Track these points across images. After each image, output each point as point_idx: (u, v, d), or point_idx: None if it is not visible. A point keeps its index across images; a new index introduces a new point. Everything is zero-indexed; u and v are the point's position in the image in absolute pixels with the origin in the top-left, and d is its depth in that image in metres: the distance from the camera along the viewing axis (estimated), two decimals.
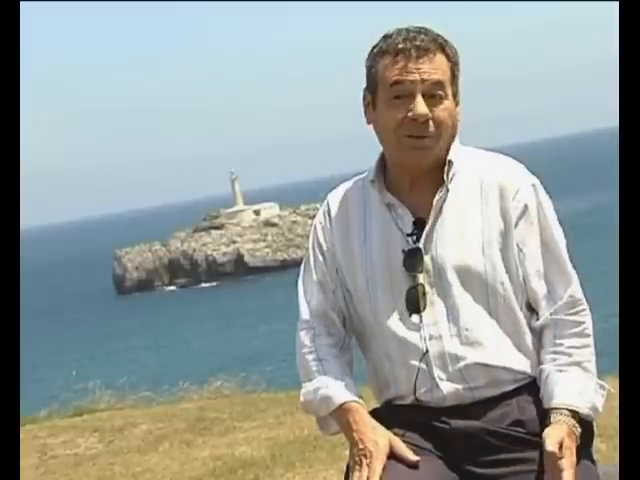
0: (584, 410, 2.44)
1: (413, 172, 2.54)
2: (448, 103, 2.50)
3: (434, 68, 2.47)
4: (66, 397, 9.20)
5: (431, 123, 2.48)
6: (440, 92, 2.48)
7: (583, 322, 2.54)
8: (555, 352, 2.51)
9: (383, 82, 2.50)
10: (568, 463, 2.36)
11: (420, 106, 2.46)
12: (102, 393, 8.92)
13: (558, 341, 2.51)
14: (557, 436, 2.39)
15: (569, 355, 2.50)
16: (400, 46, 2.47)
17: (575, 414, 2.43)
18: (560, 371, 2.48)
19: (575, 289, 2.55)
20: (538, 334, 2.54)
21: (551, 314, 2.52)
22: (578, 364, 2.49)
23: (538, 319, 2.54)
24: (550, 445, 2.37)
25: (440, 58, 2.49)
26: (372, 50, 2.54)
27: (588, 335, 2.54)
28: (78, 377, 9.99)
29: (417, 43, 2.47)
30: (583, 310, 2.55)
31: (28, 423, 7.81)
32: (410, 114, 2.47)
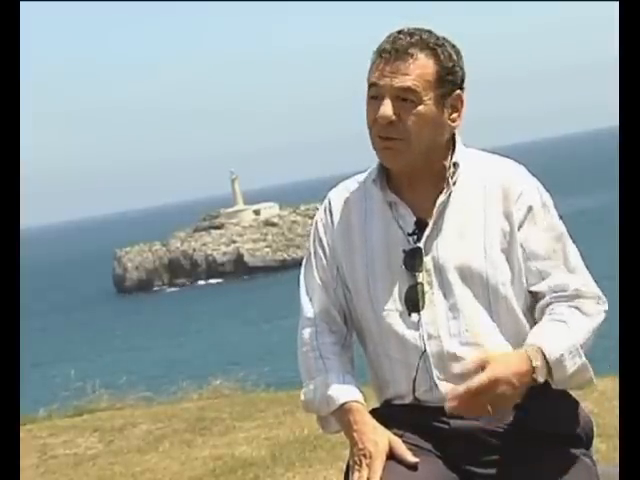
0: (549, 354, 2.37)
1: (404, 172, 2.55)
2: (423, 108, 2.47)
3: (408, 73, 2.46)
4: (66, 397, 9.19)
5: (398, 126, 2.47)
6: (412, 97, 2.46)
7: (584, 306, 2.49)
8: (548, 313, 2.47)
9: (368, 81, 2.53)
10: (485, 375, 2.32)
11: (384, 108, 2.47)
12: (102, 393, 8.91)
13: (554, 308, 2.48)
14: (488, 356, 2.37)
15: (561, 315, 2.46)
16: (382, 47, 2.49)
17: (541, 354, 2.38)
18: (548, 321, 2.45)
19: (584, 283, 2.52)
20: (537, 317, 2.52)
21: (551, 298, 2.50)
22: (566, 323, 2.45)
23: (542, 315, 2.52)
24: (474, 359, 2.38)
25: (423, 61, 2.47)
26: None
27: (587, 314, 2.48)
28: (78, 377, 9.97)
29: (397, 45, 2.47)
30: (589, 299, 2.51)
31: (28, 423, 7.79)
32: (377, 115, 2.48)
